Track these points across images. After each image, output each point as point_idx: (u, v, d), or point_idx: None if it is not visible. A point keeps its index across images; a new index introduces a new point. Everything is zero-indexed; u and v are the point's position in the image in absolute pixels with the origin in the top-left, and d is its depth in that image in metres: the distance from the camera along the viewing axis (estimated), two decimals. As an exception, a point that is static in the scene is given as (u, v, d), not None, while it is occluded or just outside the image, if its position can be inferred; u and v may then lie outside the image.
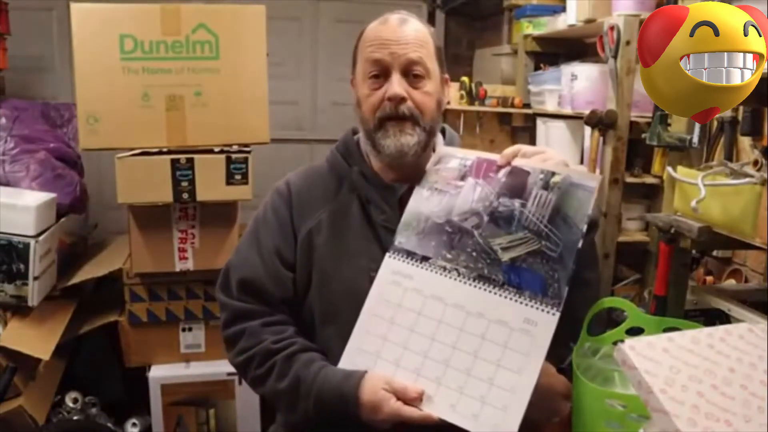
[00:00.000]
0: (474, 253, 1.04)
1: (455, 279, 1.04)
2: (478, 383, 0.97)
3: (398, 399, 1.00)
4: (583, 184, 1.03)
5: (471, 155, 1.14)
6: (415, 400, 0.99)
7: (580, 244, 1.00)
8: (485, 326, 1.00)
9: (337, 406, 1.04)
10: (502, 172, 1.09)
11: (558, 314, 0.98)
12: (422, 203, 1.12)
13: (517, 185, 1.06)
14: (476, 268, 1.04)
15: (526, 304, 0.99)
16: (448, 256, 1.06)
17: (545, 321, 0.98)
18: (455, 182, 1.11)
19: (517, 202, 1.05)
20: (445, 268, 1.05)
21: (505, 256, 1.02)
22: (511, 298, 1.00)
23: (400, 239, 1.10)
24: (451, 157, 1.16)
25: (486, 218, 1.06)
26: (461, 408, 0.97)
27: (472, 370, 0.98)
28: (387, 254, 1.11)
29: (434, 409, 0.98)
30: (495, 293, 1.01)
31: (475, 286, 1.03)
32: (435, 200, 1.11)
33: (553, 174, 1.05)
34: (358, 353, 1.06)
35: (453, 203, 1.09)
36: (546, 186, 1.04)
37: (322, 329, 1.15)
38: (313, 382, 1.06)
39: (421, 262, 1.08)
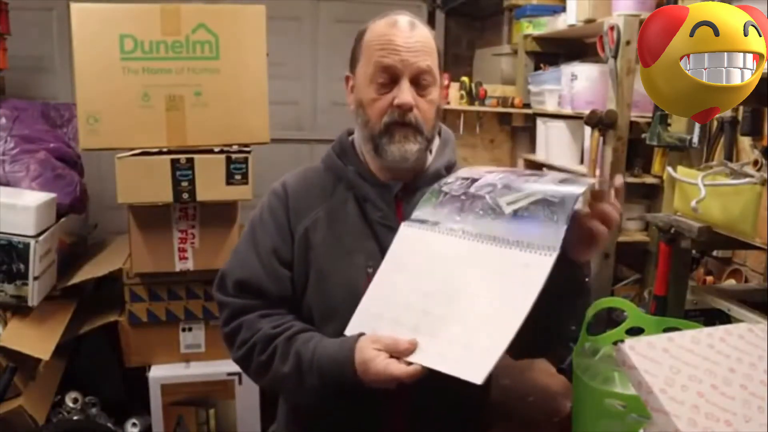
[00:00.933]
0: (481, 212, 1.06)
1: (459, 237, 1.06)
2: (469, 333, 0.97)
3: (391, 355, 0.99)
4: (589, 182, 1.05)
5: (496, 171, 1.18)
6: (407, 352, 0.98)
7: (582, 190, 0.99)
8: (483, 278, 1.01)
9: (337, 375, 1.04)
10: (525, 176, 1.11)
11: (555, 255, 0.96)
12: (445, 185, 1.14)
13: (534, 178, 1.09)
14: (481, 225, 1.05)
15: (525, 251, 1.00)
16: (457, 218, 1.08)
17: (541, 263, 0.97)
18: (480, 173, 1.14)
19: (531, 179, 1.08)
20: (452, 229, 1.08)
21: (509, 209, 1.04)
22: (510, 248, 1.01)
23: (417, 212, 1.13)
24: (480, 167, 1.19)
25: (500, 186, 1.08)
26: (449, 356, 0.96)
27: (467, 321, 0.99)
28: (402, 224, 1.13)
29: (424, 360, 0.98)
30: (496, 246, 1.03)
31: (478, 242, 1.05)
32: (458, 183, 1.14)
33: (567, 179, 1.08)
34: (363, 317, 1.07)
35: (473, 183, 1.12)
36: (561, 182, 1.07)
37: (322, 327, 1.15)
38: (312, 357, 1.07)
39: (432, 226, 1.10)
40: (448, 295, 1.02)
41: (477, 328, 0.97)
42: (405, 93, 1.11)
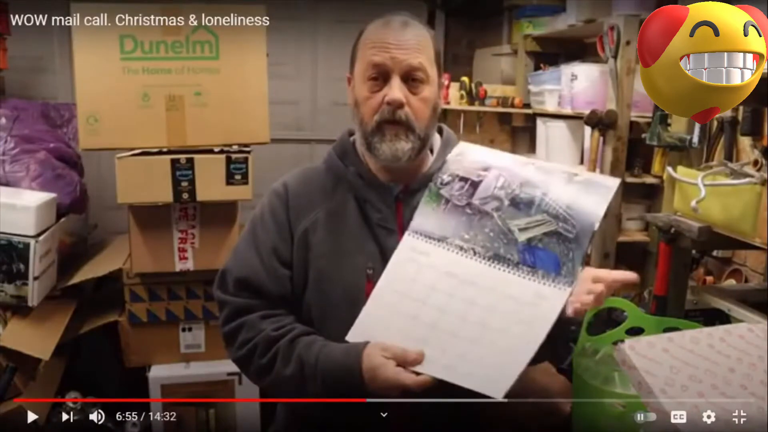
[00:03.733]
0: (492, 234, 1.06)
1: (471, 258, 1.07)
2: (480, 349, 0.99)
3: (398, 364, 1.00)
4: (602, 183, 1.07)
5: (493, 153, 1.17)
6: (415, 362, 0.99)
7: (596, 227, 1.02)
8: (495, 300, 1.02)
9: (343, 381, 1.04)
10: (525, 168, 1.11)
11: (570, 289, 0.99)
12: (443, 188, 1.14)
13: (540, 179, 1.09)
14: (492, 248, 1.06)
15: (539, 282, 1.02)
16: (466, 236, 1.08)
17: (555, 295, 0.99)
18: (478, 171, 1.13)
19: (538, 191, 1.08)
20: (462, 248, 1.08)
21: (522, 237, 1.05)
22: (524, 277, 1.03)
23: (419, 220, 1.12)
24: (474, 152, 1.18)
25: (507, 203, 1.08)
26: (461, 369, 0.98)
27: (477, 339, 1.00)
28: (406, 233, 1.12)
29: (434, 371, 0.98)
30: (508, 272, 1.04)
31: (489, 265, 1.05)
32: (457, 185, 1.13)
33: (576, 174, 1.09)
34: (368, 324, 1.07)
35: (475, 189, 1.12)
36: (567, 182, 1.08)
37: (320, 328, 1.15)
38: (316, 362, 1.07)
39: (439, 241, 1.10)
40: (458, 313, 1.03)
41: (490, 346, 0.98)
42: (395, 90, 1.11)
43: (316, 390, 1.07)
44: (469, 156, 1.17)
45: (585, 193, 1.05)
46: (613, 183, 1.07)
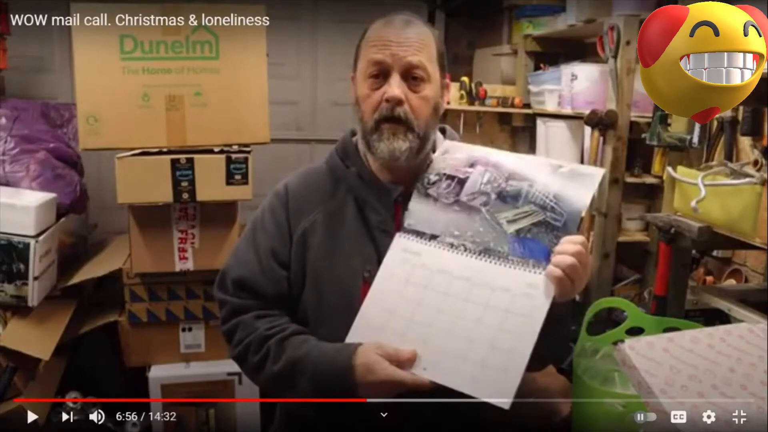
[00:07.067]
0: (481, 228, 1.07)
1: (462, 254, 1.07)
2: (479, 348, 0.99)
3: (391, 363, 1.00)
4: (587, 172, 1.08)
5: (478, 149, 1.18)
6: (409, 362, 1.00)
7: (583, 214, 1.03)
8: (489, 294, 1.02)
9: (333, 377, 1.04)
10: (511, 162, 1.12)
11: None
12: (430, 187, 1.14)
13: (525, 172, 1.10)
14: (482, 242, 1.06)
15: (529, 271, 1.02)
16: (456, 233, 1.09)
17: (546, 283, 1.00)
18: (464, 168, 1.14)
19: (524, 183, 1.08)
20: (452, 245, 1.08)
21: (510, 228, 1.05)
22: (515, 267, 1.03)
23: (410, 221, 1.13)
24: (459, 149, 1.18)
25: (494, 197, 1.09)
26: (462, 373, 0.98)
27: (474, 337, 1.00)
28: (397, 234, 1.13)
29: (435, 376, 0.99)
30: (500, 264, 1.04)
31: (481, 259, 1.06)
32: (444, 184, 1.13)
33: (560, 166, 1.09)
34: (365, 328, 1.07)
35: (462, 186, 1.12)
36: (553, 173, 1.08)
37: (315, 329, 1.16)
38: (306, 358, 1.07)
39: (429, 240, 1.10)
40: (453, 311, 1.03)
41: (489, 344, 0.98)
42: (393, 87, 1.10)
43: (305, 386, 1.07)
44: (455, 153, 1.17)
45: (570, 182, 1.06)
46: (598, 172, 1.08)
